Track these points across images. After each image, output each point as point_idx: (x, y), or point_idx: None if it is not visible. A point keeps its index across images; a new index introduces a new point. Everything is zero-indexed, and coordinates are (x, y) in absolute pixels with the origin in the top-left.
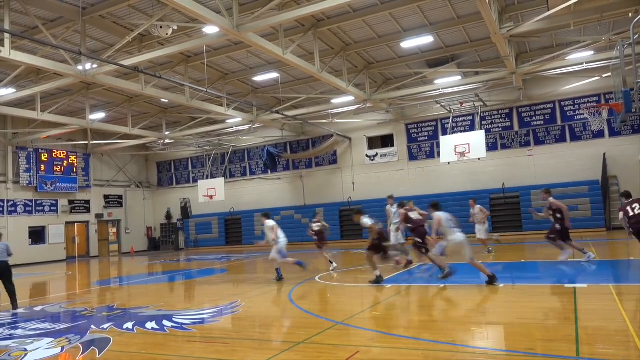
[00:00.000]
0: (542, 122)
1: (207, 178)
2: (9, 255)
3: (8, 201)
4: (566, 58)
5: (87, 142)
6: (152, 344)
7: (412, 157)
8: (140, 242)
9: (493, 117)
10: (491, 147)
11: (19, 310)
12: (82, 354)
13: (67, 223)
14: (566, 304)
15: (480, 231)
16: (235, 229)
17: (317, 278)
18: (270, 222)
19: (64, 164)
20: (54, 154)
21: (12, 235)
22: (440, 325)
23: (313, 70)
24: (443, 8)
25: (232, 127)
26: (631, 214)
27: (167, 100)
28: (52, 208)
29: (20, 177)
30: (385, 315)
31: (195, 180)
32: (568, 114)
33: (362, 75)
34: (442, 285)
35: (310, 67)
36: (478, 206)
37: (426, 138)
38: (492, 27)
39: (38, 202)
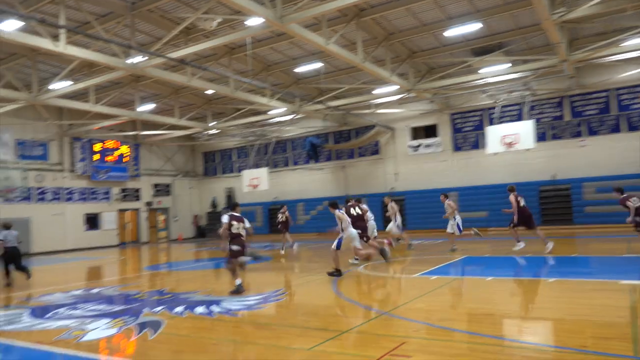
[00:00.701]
0: (595, 112)
1: (251, 168)
2: (19, 242)
3: (65, 189)
4: (622, 44)
5: (136, 132)
6: (201, 328)
7: (457, 147)
8: (188, 229)
9: (543, 106)
10: (540, 137)
11: (78, 292)
12: (137, 334)
13: (119, 210)
14: (621, 301)
15: (452, 225)
16: None
17: (361, 268)
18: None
19: (116, 154)
20: (106, 144)
21: (70, 221)
22: (488, 318)
23: (356, 60)
24: None
25: (275, 118)
26: (638, 205)
27: (212, 92)
28: (105, 196)
29: (76, 166)
30: (432, 306)
31: (239, 170)
32: (624, 103)
33: (406, 64)
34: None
35: (352, 57)
36: (447, 201)
37: (472, 128)
38: (542, 12)
39: (92, 190)
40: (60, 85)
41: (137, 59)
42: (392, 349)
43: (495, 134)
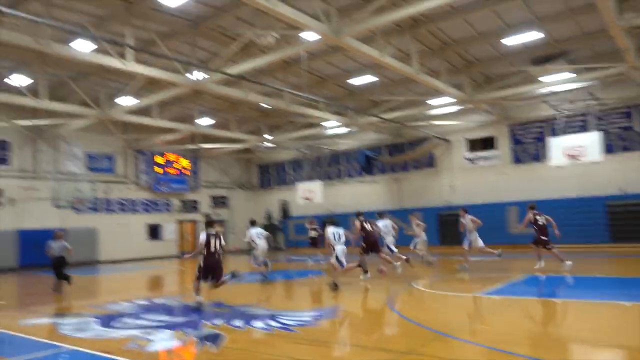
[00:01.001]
0: None
1: (305, 180)
2: (67, 250)
3: (130, 200)
4: None
5: (195, 146)
6: (260, 343)
7: (517, 159)
8: (244, 241)
9: (610, 116)
10: (608, 149)
11: (142, 302)
12: (199, 347)
13: (179, 221)
14: None
15: (476, 241)
16: None
17: (416, 285)
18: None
19: (176, 166)
20: (167, 157)
21: (133, 231)
22: (555, 343)
23: (410, 72)
24: (552, 1)
25: (329, 130)
26: None
27: (267, 106)
28: (166, 207)
29: (139, 178)
30: (494, 328)
31: (294, 183)
32: None
33: (462, 74)
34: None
35: (407, 69)
36: (469, 216)
37: (533, 140)
38: (609, 18)
39: (154, 201)
40: (126, 102)
41: (198, 75)
42: None
43: (559, 146)
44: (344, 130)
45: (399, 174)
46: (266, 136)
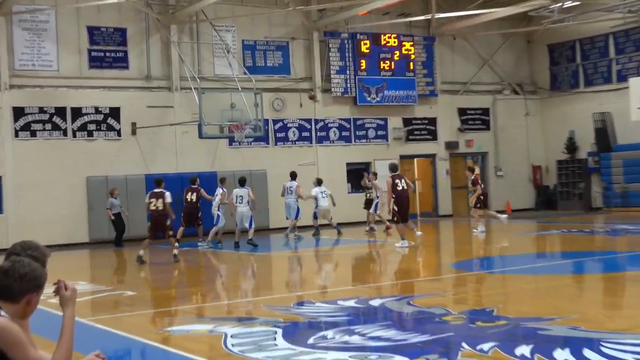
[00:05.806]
0: None
1: None
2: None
3: (316, 121)
4: None
5: (429, 16)
6: None
7: None
8: (521, 192)
9: None
10: None
11: (348, 303)
12: None
13: (401, 157)
14: None
15: None
16: None
17: None
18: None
19: (394, 57)
20: (379, 40)
21: (325, 176)
22: None
23: None
24: None
25: None
26: None
27: None
28: (379, 132)
29: (332, 82)
30: None
31: (622, 78)
32: None
33: None
34: None
35: None
36: None
37: None
38: None
39: (358, 121)
40: None
41: None
42: None
43: None
44: None
45: None
46: None
